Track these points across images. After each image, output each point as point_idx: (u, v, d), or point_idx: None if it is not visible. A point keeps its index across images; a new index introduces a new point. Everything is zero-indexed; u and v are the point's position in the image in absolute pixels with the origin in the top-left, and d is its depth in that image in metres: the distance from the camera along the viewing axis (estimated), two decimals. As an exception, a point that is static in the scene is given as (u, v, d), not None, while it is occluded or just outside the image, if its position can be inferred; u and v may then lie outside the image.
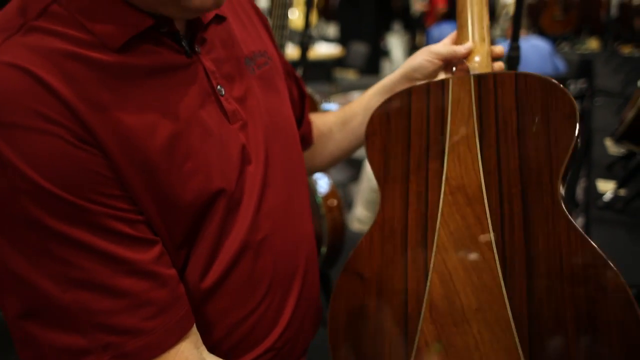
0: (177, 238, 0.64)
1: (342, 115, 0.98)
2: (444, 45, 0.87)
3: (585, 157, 1.89)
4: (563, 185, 0.68)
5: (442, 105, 0.77)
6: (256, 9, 0.86)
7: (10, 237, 0.54)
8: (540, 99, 0.71)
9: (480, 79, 0.76)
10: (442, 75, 0.90)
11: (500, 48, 0.86)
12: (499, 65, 0.85)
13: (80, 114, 0.54)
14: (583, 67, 3.99)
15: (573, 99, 0.69)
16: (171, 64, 0.63)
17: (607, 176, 1.58)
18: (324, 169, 1.08)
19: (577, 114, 0.67)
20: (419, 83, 0.82)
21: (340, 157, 1.01)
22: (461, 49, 0.84)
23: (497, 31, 6.50)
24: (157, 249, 0.61)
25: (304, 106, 0.96)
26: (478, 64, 0.83)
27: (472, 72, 0.82)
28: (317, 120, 1.01)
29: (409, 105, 0.79)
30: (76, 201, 0.54)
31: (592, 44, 6.00)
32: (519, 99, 0.72)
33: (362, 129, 0.91)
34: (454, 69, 0.87)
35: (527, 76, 0.73)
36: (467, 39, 0.85)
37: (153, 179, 0.60)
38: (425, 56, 0.88)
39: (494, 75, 0.75)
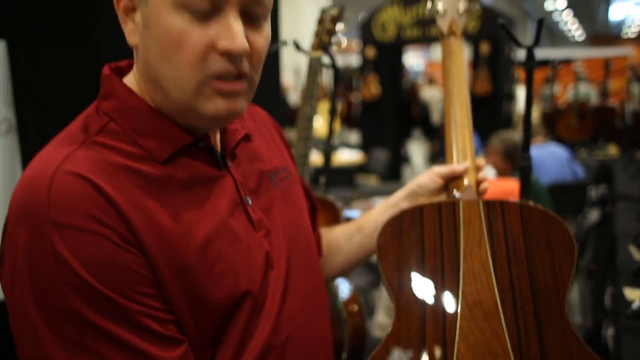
0: (204, 337, 0.67)
1: (349, 230, 1.05)
2: (443, 167, 0.99)
3: (610, 265, 1.86)
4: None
5: (455, 225, 0.83)
6: (278, 129, 0.96)
7: (52, 326, 0.58)
8: (543, 229, 0.79)
9: (488, 204, 0.84)
10: (441, 195, 0.99)
11: (482, 175, 0.97)
12: (484, 187, 0.96)
13: (128, 218, 0.61)
14: (602, 173, 4.02)
15: (571, 232, 0.78)
16: (206, 176, 0.71)
17: (634, 283, 1.55)
18: (333, 278, 1.13)
19: (575, 245, 0.76)
20: (428, 202, 0.90)
21: (349, 268, 1.07)
22: (460, 167, 0.96)
23: (516, 137, 6.65)
24: (182, 348, 0.64)
25: (315, 219, 1.02)
26: (468, 186, 0.93)
27: (467, 197, 0.91)
28: (326, 233, 1.07)
29: (421, 222, 0.85)
30: (116, 298, 0.59)
31: (612, 150, 6.09)
32: (524, 226, 0.80)
33: (368, 242, 1.00)
34: (455, 194, 0.94)
35: (530, 207, 0.82)
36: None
37: (186, 280, 0.64)
38: (429, 175, 1.00)
39: (501, 202, 0.84)
